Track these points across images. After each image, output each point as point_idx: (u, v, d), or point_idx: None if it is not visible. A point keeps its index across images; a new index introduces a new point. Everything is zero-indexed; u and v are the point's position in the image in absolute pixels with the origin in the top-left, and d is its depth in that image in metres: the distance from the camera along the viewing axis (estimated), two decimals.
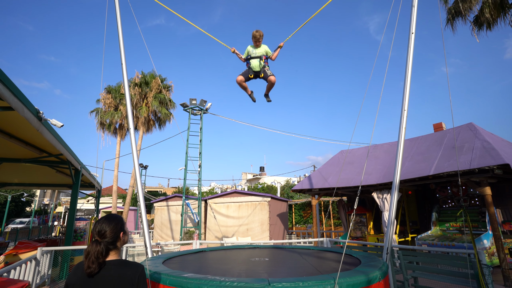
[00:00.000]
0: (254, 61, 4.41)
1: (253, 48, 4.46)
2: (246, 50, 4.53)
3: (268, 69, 4.40)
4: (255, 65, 4.40)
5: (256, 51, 4.43)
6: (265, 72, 4.39)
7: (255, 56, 4.40)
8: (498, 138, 9.20)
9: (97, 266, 1.55)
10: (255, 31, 4.36)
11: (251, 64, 4.42)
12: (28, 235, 21.32)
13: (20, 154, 6.92)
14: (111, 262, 1.62)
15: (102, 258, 1.58)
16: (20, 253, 7.82)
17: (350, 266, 3.41)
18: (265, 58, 4.41)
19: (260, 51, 4.42)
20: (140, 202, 4.66)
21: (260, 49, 4.43)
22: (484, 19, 9.49)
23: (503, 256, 6.71)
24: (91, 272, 1.54)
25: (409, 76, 4.28)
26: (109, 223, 1.69)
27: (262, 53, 4.41)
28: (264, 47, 4.46)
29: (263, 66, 4.39)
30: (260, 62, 4.38)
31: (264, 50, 4.44)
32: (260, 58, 4.38)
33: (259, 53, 4.40)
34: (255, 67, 4.41)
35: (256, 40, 4.39)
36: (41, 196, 43.68)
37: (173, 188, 47.12)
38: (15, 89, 3.61)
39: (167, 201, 16.08)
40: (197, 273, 2.98)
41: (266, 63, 4.42)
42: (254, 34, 4.36)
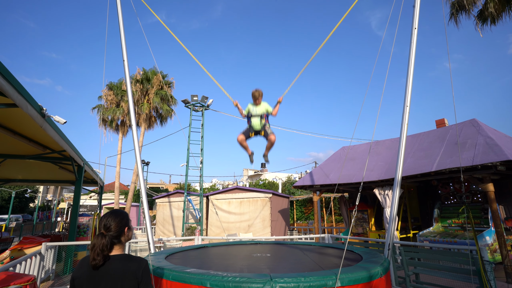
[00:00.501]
0: (255, 120, 4.44)
1: (253, 106, 4.48)
2: (247, 107, 4.54)
3: (268, 128, 4.45)
4: (256, 124, 4.44)
5: (256, 109, 4.45)
6: (266, 130, 4.44)
7: (255, 115, 4.43)
8: (501, 134, 9.14)
9: (102, 258, 1.58)
10: (255, 90, 4.41)
11: (252, 123, 4.46)
12: (32, 230, 21.53)
13: (24, 150, 6.96)
14: (116, 257, 1.64)
15: (107, 251, 1.61)
16: (25, 248, 7.91)
17: (351, 262, 3.43)
18: (265, 116, 4.43)
19: (261, 109, 4.44)
20: (142, 198, 4.69)
21: (260, 107, 4.45)
22: (489, 14, 9.37)
23: (505, 252, 6.71)
24: (96, 264, 1.56)
25: (412, 72, 4.26)
26: (115, 218, 1.72)
27: (262, 111, 4.43)
28: (264, 104, 4.48)
29: (264, 125, 4.44)
30: (261, 121, 4.42)
31: (265, 108, 4.45)
32: (261, 117, 4.42)
33: (260, 112, 4.43)
34: (256, 126, 4.46)
35: (255, 99, 4.43)
36: (44, 192, 44.03)
37: (175, 184, 47.35)
38: (19, 86, 3.63)
39: (169, 197, 16.16)
40: (199, 269, 3.01)
41: (266, 121, 4.46)
42: (253, 93, 4.41)
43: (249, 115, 4.48)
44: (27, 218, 33.41)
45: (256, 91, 4.40)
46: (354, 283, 2.65)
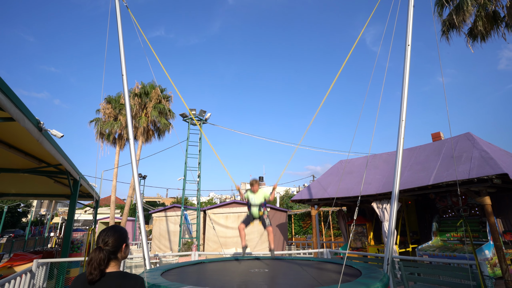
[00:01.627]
0: (254, 209, 4.95)
1: (252, 195, 5.00)
2: (246, 194, 5.09)
3: (266, 218, 4.98)
4: (255, 213, 4.97)
5: (255, 198, 4.96)
6: (264, 220, 4.97)
7: (254, 204, 4.95)
8: (495, 147, 9.24)
9: (99, 273, 1.55)
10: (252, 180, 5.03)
11: (252, 211, 4.98)
12: (23, 246, 20.97)
13: (19, 164, 6.89)
14: (111, 274, 1.61)
15: (103, 266, 1.58)
16: (15, 266, 7.69)
17: (350, 278, 3.37)
18: (263, 205, 4.96)
19: (259, 197, 4.96)
20: (139, 213, 4.63)
21: (259, 195, 4.97)
22: (478, 31, 9.70)
23: (505, 267, 6.64)
24: (93, 279, 1.53)
25: (406, 87, 4.35)
26: (114, 233, 1.71)
27: (261, 200, 4.95)
28: (262, 193, 5.01)
29: (263, 214, 4.97)
30: (259, 210, 4.94)
31: (263, 196, 4.98)
32: (259, 208, 4.93)
33: (258, 201, 4.95)
34: (255, 215, 4.99)
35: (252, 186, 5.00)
36: (37, 207, 43.21)
37: (172, 198, 46.78)
38: (17, 100, 3.64)
39: (165, 212, 15.93)
40: (196, 285, 2.94)
41: (265, 209, 4.98)
42: (251, 182, 5.02)
43: (249, 203, 4.99)
44: (19, 234, 32.62)
45: (254, 180, 5.01)
46: None
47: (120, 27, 5.35)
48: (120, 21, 5.35)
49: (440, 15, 10.56)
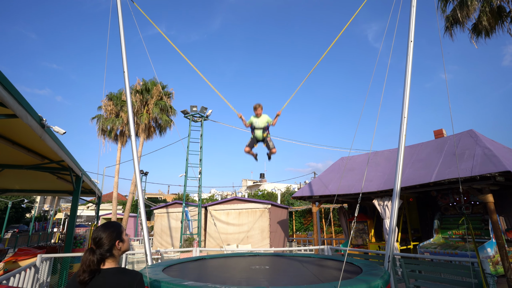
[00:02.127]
0: (258, 132, 5.07)
1: (256, 119, 5.07)
2: (250, 119, 5.15)
3: (270, 140, 5.09)
4: (259, 135, 5.08)
5: (258, 122, 5.05)
6: (268, 143, 5.08)
7: (258, 127, 5.06)
8: (499, 145, 9.18)
9: (88, 275, 1.53)
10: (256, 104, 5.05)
11: (255, 134, 5.10)
12: (27, 241, 21.20)
13: (22, 160, 6.94)
14: (108, 270, 1.59)
15: (94, 267, 1.56)
16: (19, 260, 7.77)
17: (351, 275, 3.38)
18: (267, 128, 5.06)
19: (262, 121, 5.04)
20: (140, 209, 4.66)
21: (262, 119, 5.05)
22: (482, 27, 9.58)
23: (507, 265, 6.63)
24: (82, 281, 1.52)
25: (409, 84, 4.32)
26: (105, 231, 1.68)
27: (264, 123, 5.04)
28: (265, 117, 5.08)
29: (266, 136, 5.08)
30: (263, 133, 5.05)
31: (266, 121, 5.07)
32: (263, 130, 5.04)
33: (262, 124, 5.04)
34: (259, 137, 5.10)
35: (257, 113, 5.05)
36: (41, 203, 43.58)
37: (173, 194, 46.98)
38: (20, 96, 3.65)
39: (167, 208, 16.01)
40: (197, 281, 2.96)
41: (268, 132, 5.09)
42: (255, 106, 5.05)
43: (252, 127, 5.07)
44: (23, 229, 32.96)
45: (257, 106, 5.00)
46: None
47: (121, 24, 5.33)
48: (121, 18, 5.34)
49: (444, 10, 10.44)
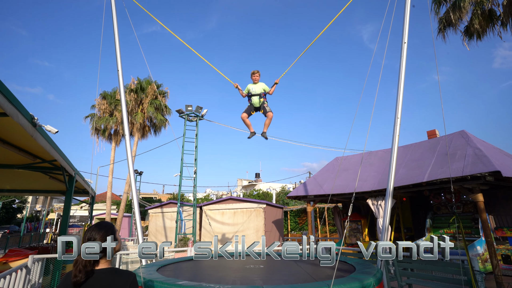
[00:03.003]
0: (255, 98, 5.08)
1: (253, 86, 5.11)
2: (247, 87, 5.16)
3: (267, 106, 5.09)
4: (256, 101, 5.09)
5: (255, 89, 5.08)
6: (265, 108, 5.08)
7: (255, 93, 5.07)
8: (489, 145, 9.35)
9: (84, 275, 1.51)
10: (253, 71, 5.09)
11: (252, 101, 5.11)
12: (18, 242, 20.87)
13: (13, 160, 6.83)
14: (101, 271, 1.58)
15: (90, 267, 1.54)
16: (10, 261, 7.67)
17: (344, 273, 3.42)
18: (263, 95, 5.07)
19: (259, 88, 5.06)
20: (134, 209, 4.63)
21: (258, 87, 5.08)
22: (474, 30, 9.74)
23: (496, 262, 6.76)
24: (78, 281, 1.49)
25: (402, 84, 4.38)
26: (99, 231, 1.67)
27: (261, 90, 5.06)
28: (262, 84, 5.11)
29: (262, 102, 5.08)
30: (260, 99, 5.07)
31: (262, 88, 5.09)
32: (259, 96, 5.05)
33: (259, 91, 5.06)
34: (256, 104, 5.11)
35: (254, 79, 5.10)
36: (33, 203, 42.93)
37: (168, 194, 46.73)
38: (10, 95, 3.60)
39: (161, 208, 15.93)
40: (191, 281, 2.97)
41: (265, 99, 5.08)
42: (253, 72, 5.09)
43: (249, 94, 5.10)
44: (14, 230, 32.44)
45: (254, 72, 5.06)
46: None
47: (115, 21, 5.29)
48: (115, 15, 5.30)
49: (437, 13, 10.58)
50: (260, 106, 5.11)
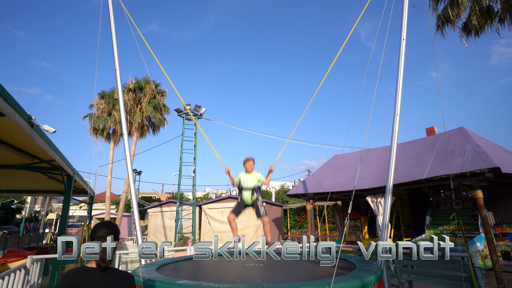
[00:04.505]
0: (246, 194, 4.22)
1: (245, 176, 4.28)
2: (238, 177, 4.37)
3: (261, 205, 4.27)
4: (247, 198, 4.25)
5: (248, 180, 4.25)
6: (258, 208, 4.27)
7: (247, 188, 4.23)
8: (488, 142, 9.36)
9: (110, 262, 1.58)
10: (245, 158, 4.34)
11: (243, 197, 4.26)
12: (17, 243, 20.82)
13: (11, 160, 6.80)
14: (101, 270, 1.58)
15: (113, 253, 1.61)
16: (9, 262, 7.64)
17: (345, 271, 3.41)
18: (257, 189, 4.26)
19: (252, 180, 4.25)
20: (133, 208, 4.61)
21: (252, 178, 4.26)
22: (472, 26, 9.73)
23: (495, 258, 6.78)
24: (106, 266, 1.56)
25: (401, 82, 4.36)
26: (108, 230, 1.70)
27: (255, 182, 4.25)
28: (257, 175, 4.31)
29: (256, 199, 4.26)
30: (252, 195, 4.23)
31: (257, 179, 4.28)
32: (252, 192, 4.22)
33: (252, 184, 4.23)
34: (247, 201, 4.27)
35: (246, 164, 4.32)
36: (32, 203, 42.83)
37: (167, 193, 46.73)
38: (7, 95, 3.57)
39: (161, 207, 15.91)
40: (191, 280, 2.95)
41: (259, 194, 4.28)
42: (246, 160, 4.34)
43: (240, 187, 4.29)
44: (13, 230, 32.36)
45: (247, 160, 4.32)
46: None
47: (113, 20, 5.25)
48: (113, 13, 5.25)
49: (435, 9, 10.56)
50: (252, 204, 4.27)
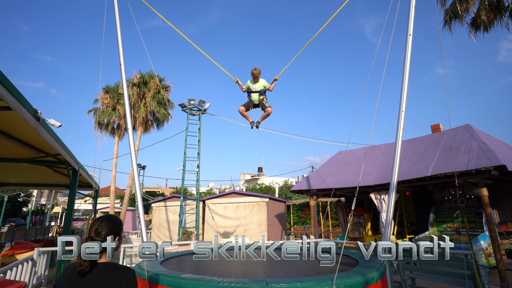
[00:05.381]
0: (254, 95, 5.05)
1: (252, 83, 5.06)
2: (247, 84, 5.11)
3: (266, 102, 5.05)
4: (255, 98, 5.06)
5: (255, 86, 5.03)
6: (263, 104, 5.05)
7: (255, 90, 5.03)
8: (494, 139, 9.25)
9: (89, 264, 1.51)
10: (253, 69, 4.97)
11: (252, 97, 5.07)
12: (24, 235, 21.19)
13: (18, 154, 6.88)
14: (101, 265, 1.56)
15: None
16: (16, 254, 7.78)
17: (347, 267, 3.42)
18: (263, 92, 5.04)
19: (259, 85, 5.02)
20: (138, 203, 4.65)
21: (259, 84, 5.03)
22: (481, 21, 9.55)
23: (499, 256, 6.75)
24: (82, 270, 1.48)
25: (407, 78, 4.31)
26: (108, 224, 1.66)
27: (261, 87, 5.02)
28: (262, 81, 5.05)
29: (262, 99, 5.06)
30: (259, 96, 5.04)
31: (263, 85, 5.04)
32: (259, 93, 5.02)
33: (259, 88, 5.01)
34: (255, 100, 5.08)
35: (254, 77, 5.02)
36: (38, 196, 43.44)
37: (171, 188, 47.02)
38: (13, 88, 3.60)
39: (165, 202, 16.04)
40: (195, 274, 2.98)
41: (264, 96, 5.06)
42: (252, 72, 4.98)
43: (249, 90, 5.07)
44: (20, 223, 32.90)
45: (255, 70, 4.94)
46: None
47: (117, 15, 5.24)
48: (117, 10, 5.24)
49: (443, 4, 10.38)
50: (259, 103, 5.11)
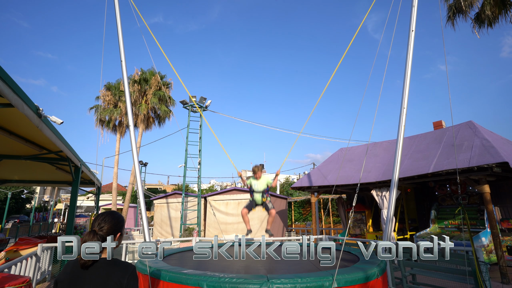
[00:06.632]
0: (257, 195, 4.91)
1: (255, 181, 4.91)
2: (249, 181, 5.01)
3: (269, 202, 4.92)
4: (258, 199, 4.92)
5: (258, 185, 4.88)
6: (267, 205, 4.90)
7: (257, 191, 4.89)
8: (497, 136, 9.20)
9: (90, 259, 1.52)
10: (254, 166, 4.89)
11: (255, 197, 4.94)
12: (28, 231, 21.38)
13: (20, 151, 6.92)
14: (101, 260, 1.56)
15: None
16: (20, 250, 7.85)
17: (348, 263, 3.44)
18: (266, 191, 4.90)
19: (262, 184, 4.87)
20: (140, 199, 4.68)
21: (261, 182, 4.88)
22: (485, 16, 9.44)
23: (500, 253, 6.75)
24: (85, 263, 1.50)
25: (409, 74, 4.29)
26: (111, 219, 1.67)
27: (264, 186, 4.87)
28: (265, 179, 4.93)
29: (265, 200, 4.93)
30: (262, 197, 4.90)
31: (265, 183, 4.90)
32: (262, 194, 4.88)
33: (261, 187, 4.87)
34: (258, 201, 4.95)
35: (255, 173, 4.89)
36: (41, 193, 43.74)
37: (173, 185, 47.19)
38: (15, 86, 3.61)
39: (166, 198, 16.11)
40: (196, 270, 3.00)
41: (267, 195, 4.93)
42: (254, 169, 4.89)
43: (251, 190, 4.94)
44: (24, 219, 33.17)
45: (256, 167, 4.87)
46: (350, 284, 2.66)
47: (118, 12, 5.23)
48: (118, 6, 5.23)
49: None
50: (262, 204, 4.97)
